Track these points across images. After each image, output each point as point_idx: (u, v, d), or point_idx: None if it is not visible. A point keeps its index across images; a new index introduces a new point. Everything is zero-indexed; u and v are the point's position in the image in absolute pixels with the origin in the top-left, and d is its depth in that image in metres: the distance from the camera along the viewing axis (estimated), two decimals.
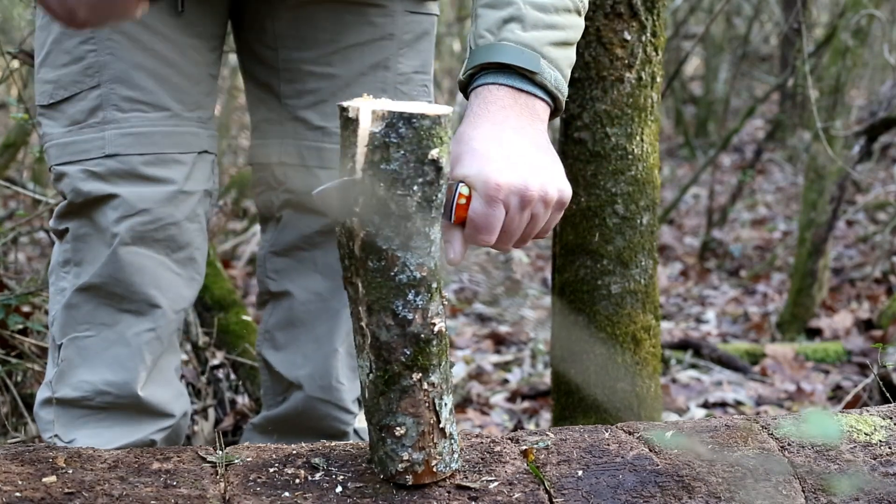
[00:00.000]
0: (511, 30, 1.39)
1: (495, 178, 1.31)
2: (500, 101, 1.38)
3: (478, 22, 1.42)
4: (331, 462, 1.34)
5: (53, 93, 1.68)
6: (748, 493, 1.30)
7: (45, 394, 1.75)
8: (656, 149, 2.05)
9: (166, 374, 1.75)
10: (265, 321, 1.95)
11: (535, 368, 3.63)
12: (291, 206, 1.85)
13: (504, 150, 1.33)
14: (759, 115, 8.90)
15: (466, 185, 1.33)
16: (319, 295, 1.87)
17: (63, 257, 1.72)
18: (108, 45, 1.63)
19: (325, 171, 1.80)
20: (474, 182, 1.33)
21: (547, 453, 1.37)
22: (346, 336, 1.88)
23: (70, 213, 1.69)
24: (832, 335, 4.01)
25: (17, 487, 1.23)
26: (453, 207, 1.32)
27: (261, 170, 1.88)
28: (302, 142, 1.81)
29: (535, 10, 1.40)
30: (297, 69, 1.79)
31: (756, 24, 8.85)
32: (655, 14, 2.00)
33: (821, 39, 5.32)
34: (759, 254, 5.80)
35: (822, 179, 4.03)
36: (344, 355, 1.89)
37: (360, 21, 1.76)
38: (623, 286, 2.04)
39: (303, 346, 1.90)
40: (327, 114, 1.79)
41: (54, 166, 1.68)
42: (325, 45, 1.77)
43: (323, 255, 1.86)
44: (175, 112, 1.68)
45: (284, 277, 1.90)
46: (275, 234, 1.90)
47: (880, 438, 1.41)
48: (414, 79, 1.81)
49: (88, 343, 1.70)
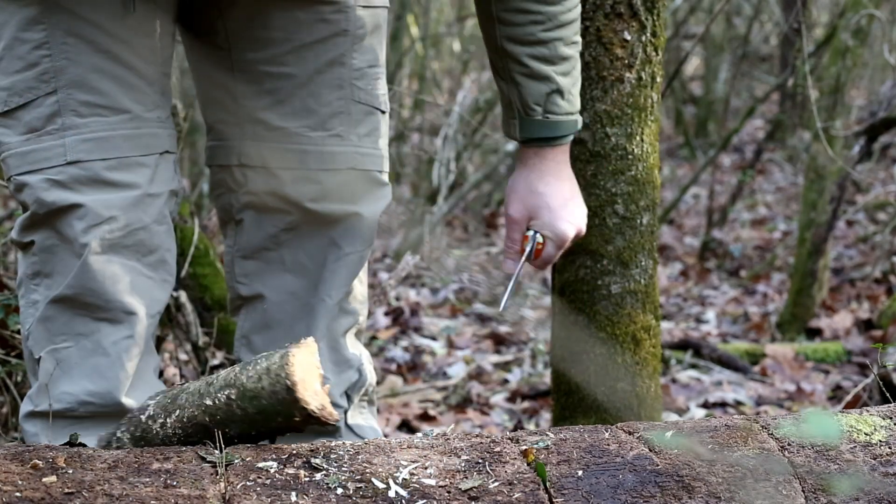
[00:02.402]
0: (555, 103, 1.75)
1: (567, 234, 1.80)
2: (556, 157, 1.79)
3: (522, 92, 1.75)
4: (331, 462, 1.34)
5: (7, 100, 1.65)
6: (748, 493, 1.30)
7: (28, 407, 1.74)
8: (656, 149, 2.05)
9: (146, 376, 1.75)
10: (240, 327, 1.93)
11: (535, 368, 3.63)
12: (253, 207, 1.83)
13: (569, 206, 1.80)
14: (759, 115, 8.89)
15: (541, 234, 1.79)
16: (293, 294, 1.86)
17: (31, 269, 1.70)
18: (63, 48, 1.62)
19: (288, 172, 1.79)
20: (550, 235, 1.80)
21: (547, 453, 1.37)
22: (325, 330, 1.86)
23: (35, 225, 1.67)
24: (832, 335, 4.01)
25: (17, 487, 1.23)
26: (533, 252, 1.79)
27: (219, 172, 1.85)
28: (262, 143, 1.79)
29: (564, 77, 1.75)
30: (253, 70, 1.77)
31: (756, 24, 8.85)
32: (655, 14, 2.00)
33: (821, 39, 5.32)
34: (759, 254, 5.80)
35: (822, 179, 4.03)
36: (325, 350, 1.87)
37: (314, 18, 1.75)
38: (623, 286, 2.04)
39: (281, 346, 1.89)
40: (286, 114, 1.77)
41: (14, 177, 1.65)
42: (279, 45, 1.75)
43: (291, 253, 1.84)
44: (135, 114, 1.66)
45: (255, 280, 1.87)
46: (238, 237, 1.87)
47: (880, 438, 1.41)
48: (368, 73, 1.80)
49: (67, 354, 1.69)
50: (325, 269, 1.83)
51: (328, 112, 1.77)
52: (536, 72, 1.73)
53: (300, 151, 1.78)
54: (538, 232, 1.79)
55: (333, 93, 1.77)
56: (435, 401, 3.23)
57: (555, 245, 1.80)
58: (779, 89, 7.24)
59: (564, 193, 1.80)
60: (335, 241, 1.83)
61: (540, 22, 1.71)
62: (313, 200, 1.79)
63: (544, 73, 1.73)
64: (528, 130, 1.77)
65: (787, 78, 6.02)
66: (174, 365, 2.61)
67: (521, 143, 1.80)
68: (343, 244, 1.83)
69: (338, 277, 1.84)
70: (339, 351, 1.88)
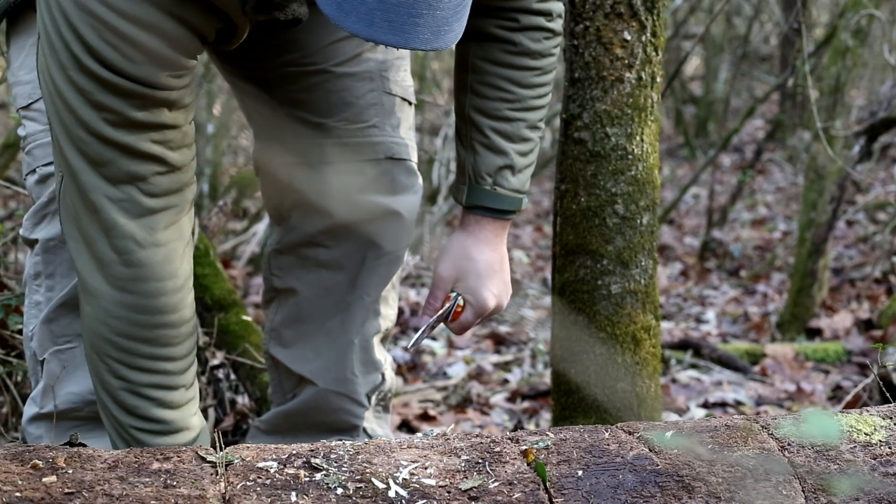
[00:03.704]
0: (505, 177, 1.75)
1: (488, 303, 1.77)
2: (495, 229, 1.78)
3: (477, 160, 1.75)
4: (331, 462, 1.34)
5: (32, 93, 1.67)
6: (748, 493, 1.30)
7: (32, 410, 1.74)
8: (656, 149, 2.05)
9: None
10: (271, 319, 1.95)
11: (535, 368, 3.63)
12: (299, 205, 1.86)
13: (495, 278, 1.78)
14: (759, 115, 8.89)
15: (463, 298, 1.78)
16: (327, 289, 1.88)
17: (34, 270, 1.72)
18: None
19: (329, 166, 1.80)
20: (472, 301, 1.77)
21: (547, 453, 1.37)
22: (360, 328, 1.88)
23: (44, 219, 1.68)
24: (832, 335, 4.01)
25: (17, 487, 1.23)
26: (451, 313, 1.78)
27: (267, 175, 1.89)
28: (302, 139, 1.81)
29: (520, 156, 1.76)
30: (286, 72, 1.79)
31: (756, 24, 8.85)
32: (655, 14, 2.00)
33: (821, 39, 5.32)
34: (759, 254, 5.80)
35: (822, 179, 4.03)
36: (358, 348, 1.89)
37: None
38: (623, 286, 2.04)
39: (312, 340, 1.90)
40: (322, 110, 1.79)
41: (40, 167, 1.67)
42: (308, 45, 1.77)
43: (327, 252, 1.87)
44: None
45: (289, 274, 1.90)
46: (282, 235, 1.91)
47: (880, 438, 1.41)
48: (396, 64, 1.84)
49: (71, 355, 1.70)
50: (364, 266, 1.86)
51: (364, 104, 1.80)
52: (495, 144, 1.74)
53: (340, 145, 1.80)
54: (460, 295, 1.78)
55: (366, 84, 1.81)
56: (435, 401, 3.23)
57: (473, 312, 1.78)
58: (779, 89, 7.24)
59: (494, 265, 1.78)
60: (374, 240, 1.85)
61: (509, 101, 1.73)
62: (358, 191, 1.81)
63: (502, 147, 1.74)
64: (474, 197, 1.76)
65: (787, 78, 6.02)
66: None
67: (466, 208, 1.79)
68: (382, 243, 1.85)
69: (376, 276, 1.87)
70: (369, 352, 1.91)
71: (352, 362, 1.89)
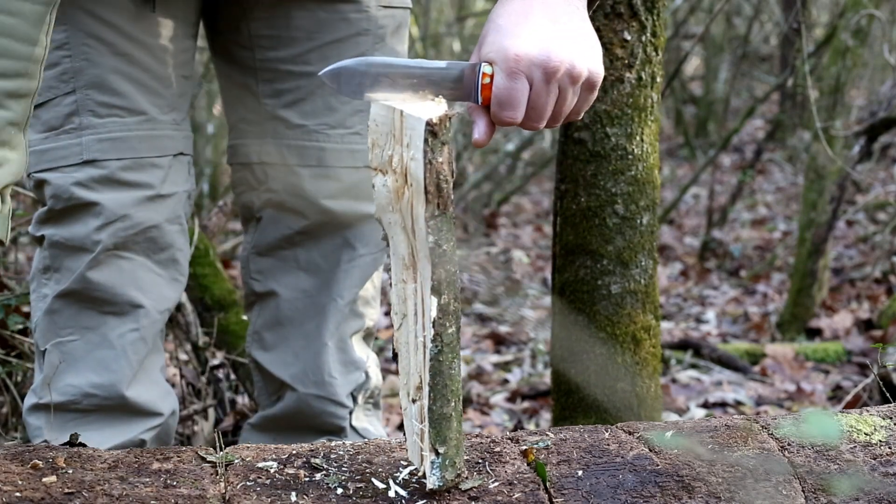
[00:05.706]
0: None
1: (514, 50, 1.28)
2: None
3: None
4: (331, 462, 1.34)
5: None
6: (748, 493, 1.30)
7: (32, 400, 1.75)
8: (656, 149, 2.05)
9: (152, 374, 1.76)
10: (253, 322, 1.95)
11: (535, 368, 3.63)
12: (272, 205, 1.85)
13: (529, 23, 1.30)
14: (759, 115, 8.89)
15: (489, 64, 1.31)
16: (305, 292, 1.88)
17: (42, 264, 1.73)
18: (83, 50, 1.64)
19: (307, 169, 1.80)
20: (495, 57, 1.29)
21: (547, 453, 1.37)
22: (334, 330, 1.88)
23: (49, 220, 1.69)
24: (832, 335, 4.01)
25: (17, 487, 1.24)
26: (479, 88, 1.30)
27: (240, 170, 1.87)
28: (282, 140, 1.81)
29: None
30: (275, 69, 1.79)
31: (756, 24, 8.84)
32: (655, 14, 2.00)
33: (821, 39, 5.32)
34: (759, 254, 5.80)
35: (822, 179, 4.03)
36: (334, 349, 1.89)
37: (335, 18, 1.76)
38: (623, 286, 2.04)
39: (292, 344, 1.90)
40: (307, 112, 1.79)
41: (33, 174, 1.68)
42: (301, 44, 1.77)
43: (305, 253, 1.86)
44: (150, 116, 1.68)
45: (269, 277, 1.90)
46: (256, 235, 1.90)
47: (880, 438, 1.41)
48: None
49: (72, 347, 1.71)
50: (339, 269, 1.85)
51: (349, 110, 1.79)
52: None
53: (319, 149, 1.80)
54: (484, 62, 1.32)
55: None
56: None
57: (504, 73, 1.29)
58: (779, 89, 7.23)
59: (530, 16, 1.32)
60: (350, 242, 1.84)
61: None
62: (331, 197, 1.81)
63: None
64: None
65: (787, 78, 6.02)
66: (174, 365, 2.61)
67: None
68: (358, 245, 1.85)
69: (350, 278, 1.86)
70: (347, 352, 1.90)
71: (328, 365, 1.88)
